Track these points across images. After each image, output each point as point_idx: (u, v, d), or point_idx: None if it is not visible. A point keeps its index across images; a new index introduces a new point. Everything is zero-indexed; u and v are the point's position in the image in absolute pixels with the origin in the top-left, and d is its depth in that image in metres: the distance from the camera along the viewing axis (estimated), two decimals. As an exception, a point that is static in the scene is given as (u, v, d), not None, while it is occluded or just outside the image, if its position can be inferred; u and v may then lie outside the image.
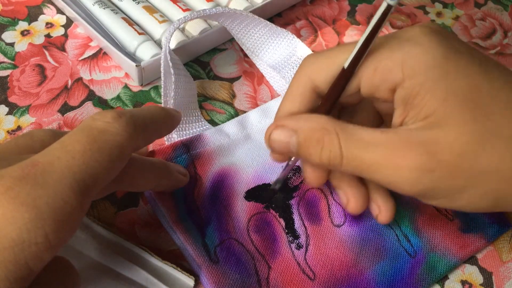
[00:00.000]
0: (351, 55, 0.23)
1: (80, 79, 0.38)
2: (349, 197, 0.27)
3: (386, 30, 0.45)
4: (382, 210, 0.27)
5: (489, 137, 0.21)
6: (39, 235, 0.17)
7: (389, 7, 0.21)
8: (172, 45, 0.37)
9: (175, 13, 0.40)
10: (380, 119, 0.28)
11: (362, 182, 0.27)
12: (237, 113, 0.37)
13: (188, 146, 0.31)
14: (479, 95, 0.21)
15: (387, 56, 0.23)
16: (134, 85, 0.38)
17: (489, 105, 0.21)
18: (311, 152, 0.23)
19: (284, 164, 0.29)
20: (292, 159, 0.28)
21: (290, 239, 0.29)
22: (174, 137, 0.33)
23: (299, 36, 0.43)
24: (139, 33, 0.37)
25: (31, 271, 0.18)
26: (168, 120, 0.26)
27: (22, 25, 0.41)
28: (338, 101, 0.25)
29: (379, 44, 0.23)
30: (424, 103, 0.22)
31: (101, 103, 0.36)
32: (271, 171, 0.32)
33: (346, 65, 0.23)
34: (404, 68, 0.22)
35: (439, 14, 0.47)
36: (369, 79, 0.23)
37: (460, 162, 0.21)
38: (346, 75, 0.24)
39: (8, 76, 0.37)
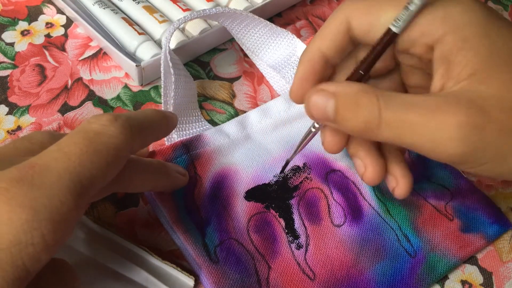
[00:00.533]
0: (402, 19, 0.22)
1: (80, 79, 0.38)
2: (367, 165, 0.25)
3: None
4: (400, 183, 0.25)
5: None
6: (36, 236, 0.17)
7: None
8: (172, 45, 0.37)
9: (175, 13, 0.40)
10: (406, 92, 0.27)
11: (380, 152, 0.26)
12: (237, 113, 0.37)
13: (188, 147, 0.31)
14: None
15: (428, 10, 0.22)
16: (134, 85, 0.38)
17: None
18: (348, 115, 0.22)
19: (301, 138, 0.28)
20: (313, 128, 0.26)
21: (290, 239, 0.29)
22: (174, 137, 0.33)
23: (299, 36, 0.43)
24: (139, 33, 0.37)
25: (29, 272, 0.18)
26: (164, 123, 0.26)
27: (22, 25, 0.41)
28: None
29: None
30: (468, 59, 0.21)
31: (101, 103, 0.36)
32: (271, 171, 0.32)
33: (393, 28, 0.22)
34: (446, 22, 0.21)
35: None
36: (406, 31, 0.22)
37: (510, 119, 0.20)
38: (391, 38, 0.23)
39: (8, 76, 0.37)
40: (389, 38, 0.23)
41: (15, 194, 0.18)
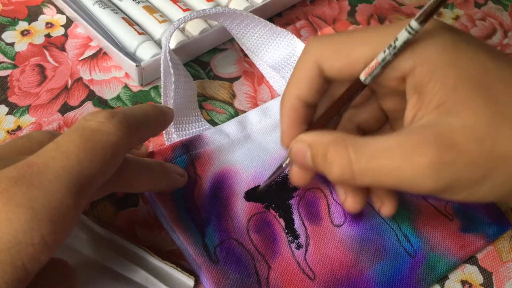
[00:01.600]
0: (373, 72, 0.22)
1: (80, 79, 0.38)
2: (348, 194, 0.26)
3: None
4: (384, 202, 0.26)
5: (503, 120, 0.20)
6: (35, 236, 0.17)
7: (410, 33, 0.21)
8: (172, 45, 0.37)
9: (175, 13, 0.40)
10: (385, 118, 0.28)
11: None
12: (237, 113, 0.37)
13: (188, 147, 0.31)
14: (489, 80, 0.21)
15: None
16: (134, 85, 0.38)
17: (499, 90, 0.21)
18: (322, 166, 0.23)
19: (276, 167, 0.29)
20: (284, 164, 0.28)
21: (290, 239, 0.29)
22: (174, 137, 0.33)
23: (299, 36, 0.43)
24: (139, 33, 0.37)
25: (28, 273, 0.18)
26: (161, 118, 0.26)
27: (22, 25, 0.41)
28: (358, 121, 0.25)
29: (383, 32, 0.23)
30: (436, 90, 0.21)
31: (101, 103, 0.36)
32: (271, 171, 0.32)
33: (365, 79, 0.23)
34: (415, 55, 0.22)
35: (439, 14, 0.47)
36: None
37: (479, 150, 0.20)
38: (361, 88, 0.23)
39: (8, 76, 0.37)
40: (359, 87, 0.23)
41: (14, 194, 0.18)
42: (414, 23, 0.21)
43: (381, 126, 0.28)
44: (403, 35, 0.21)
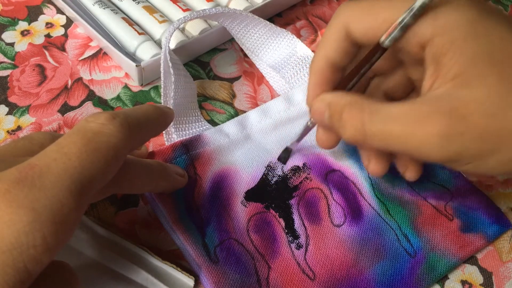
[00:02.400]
0: (392, 34, 0.23)
1: (80, 79, 0.38)
2: (371, 158, 0.27)
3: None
4: (409, 166, 0.27)
5: None
6: (37, 237, 0.17)
7: None
8: (172, 45, 0.37)
9: (175, 13, 0.40)
10: (411, 86, 0.28)
11: None
12: (237, 113, 0.37)
13: (188, 147, 0.31)
14: (507, 58, 0.21)
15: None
16: (134, 85, 0.38)
17: None
18: (337, 125, 0.24)
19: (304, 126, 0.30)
20: (309, 123, 0.29)
21: (290, 239, 0.29)
22: (174, 137, 0.33)
23: (299, 36, 0.43)
24: (139, 33, 0.37)
25: (30, 274, 0.18)
26: (161, 118, 0.26)
27: (22, 25, 0.41)
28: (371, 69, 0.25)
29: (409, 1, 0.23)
30: (454, 62, 0.22)
31: (101, 103, 0.36)
32: (271, 171, 0.32)
33: (384, 41, 0.23)
34: (435, 24, 0.22)
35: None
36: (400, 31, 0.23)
37: (490, 124, 0.21)
38: (381, 50, 0.24)
39: (8, 76, 0.37)
40: (381, 51, 0.24)
41: (16, 196, 0.18)
42: None
43: (408, 94, 0.29)
44: None
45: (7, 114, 0.35)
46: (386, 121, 0.22)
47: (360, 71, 0.25)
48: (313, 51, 0.39)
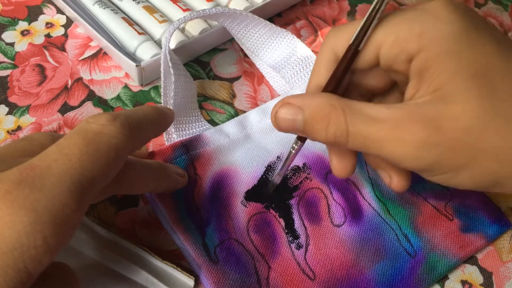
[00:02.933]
0: (355, 32, 0.23)
1: (80, 79, 0.38)
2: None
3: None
4: (393, 176, 0.27)
5: (494, 116, 0.21)
6: (38, 238, 0.17)
7: None
8: (172, 45, 0.37)
9: (175, 13, 0.40)
10: (392, 82, 0.28)
11: None
12: (237, 113, 0.37)
13: (188, 147, 0.31)
14: (490, 74, 0.21)
15: (406, 27, 0.23)
16: (134, 85, 0.38)
17: (498, 84, 0.21)
18: (317, 128, 0.23)
19: (284, 158, 0.29)
20: (293, 150, 0.28)
21: (290, 239, 0.29)
22: (174, 137, 0.33)
23: (299, 36, 0.43)
24: (139, 33, 0.37)
25: (31, 275, 0.18)
26: (162, 119, 0.26)
27: (22, 25, 0.41)
28: (366, 87, 0.26)
29: (399, 15, 0.23)
30: (435, 76, 0.22)
31: (101, 103, 0.36)
32: (271, 171, 0.32)
33: (351, 41, 0.24)
34: (422, 39, 0.22)
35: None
36: (387, 49, 0.23)
37: (464, 138, 0.21)
38: (352, 52, 0.24)
39: (8, 76, 0.37)
40: (352, 53, 0.24)
41: (17, 196, 0.17)
42: None
43: (390, 89, 0.28)
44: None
45: (7, 114, 0.35)
46: (366, 123, 0.22)
47: (340, 76, 0.25)
48: (313, 51, 0.39)
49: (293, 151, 0.28)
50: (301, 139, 0.27)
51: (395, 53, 0.23)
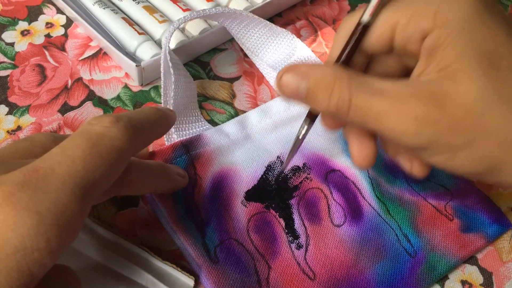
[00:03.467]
0: (367, 9, 0.23)
1: (80, 79, 0.38)
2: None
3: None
4: (413, 163, 0.26)
5: (497, 98, 0.21)
6: (41, 241, 0.17)
7: None
8: (172, 45, 0.37)
9: (175, 13, 0.40)
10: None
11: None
12: (237, 113, 0.37)
13: (188, 147, 0.31)
14: (496, 56, 0.21)
15: (423, 4, 0.23)
16: (134, 85, 0.38)
17: (504, 68, 0.21)
18: (320, 97, 0.23)
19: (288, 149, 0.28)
20: (301, 136, 0.27)
21: (290, 239, 0.29)
22: (174, 137, 0.33)
23: (299, 36, 0.43)
24: (139, 33, 0.37)
25: (34, 278, 0.18)
26: (163, 121, 0.26)
27: (22, 25, 0.41)
28: (380, 75, 0.25)
29: None
30: (444, 54, 0.22)
31: (101, 103, 0.36)
32: (271, 171, 0.32)
33: (362, 19, 0.24)
34: (436, 16, 0.22)
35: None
36: (403, 27, 0.23)
37: (465, 118, 0.21)
38: (361, 28, 0.24)
39: (8, 76, 0.37)
40: (362, 28, 0.24)
41: (20, 198, 0.17)
42: None
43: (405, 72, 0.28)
44: None
45: (7, 114, 0.35)
46: (369, 95, 0.22)
47: (349, 50, 0.25)
48: (313, 51, 0.39)
49: (303, 132, 0.27)
50: (311, 118, 0.26)
51: (411, 32, 0.23)
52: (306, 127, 0.26)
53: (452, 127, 0.21)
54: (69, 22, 0.42)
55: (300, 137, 0.27)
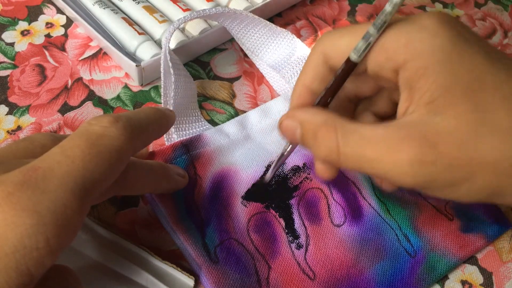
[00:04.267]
0: (358, 47, 0.23)
1: (80, 79, 0.38)
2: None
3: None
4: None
5: (488, 128, 0.21)
6: (40, 240, 0.17)
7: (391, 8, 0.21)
8: (172, 45, 0.37)
9: (175, 13, 0.40)
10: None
11: None
12: (237, 113, 0.37)
13: (188, 147, 0.31)
14: (481, 86, 0.21)
15: (393, 37, 0.23)
16: (134, 85, 0.38)
17: (490, 96, 0.21)
18: (311, 143, 0.24)
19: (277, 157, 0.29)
20: (286, 152, 0.28)
21: (290, 239, 0.29)
22: (174, 137, 0.33)
23: (299, 36, 0.43)
24: (139, 33, 0.37)
25: (32, 277, 0.18)
26: (163, 121, 0.26)
27: (22, 25, 0.41)
28: (354, 91, 0.25)
29: (387, 26, 0.23)
30: (426, 88, 0.22)
31: (101, 103, 0.36)
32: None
33: (352, 56, 0.24)
34: (408, 49, 0.22)
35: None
36: (374, 57, 0.23)
37: (460, 154, 0.21)
38: (351, 66, 0.24)
39: (8, 76, 0.37)
40: (349, 66, 0.24)
41: (20, 198, 0.18)
42: None
43: (378, 93, 0.28)
44: (385, 9, 0.22)
45: (7, 114, 0.35)
46: (360, 143, 0.22)
47: (336, 88, 0.25)
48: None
49: (285, 153, 0.28)
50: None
51: (381, 61, 0.23)
52: (291, 145, 0.27)
53: (449, 166, 0.21)
54: (69, 22, 0.42)
55: (285, 154, 0.28)
